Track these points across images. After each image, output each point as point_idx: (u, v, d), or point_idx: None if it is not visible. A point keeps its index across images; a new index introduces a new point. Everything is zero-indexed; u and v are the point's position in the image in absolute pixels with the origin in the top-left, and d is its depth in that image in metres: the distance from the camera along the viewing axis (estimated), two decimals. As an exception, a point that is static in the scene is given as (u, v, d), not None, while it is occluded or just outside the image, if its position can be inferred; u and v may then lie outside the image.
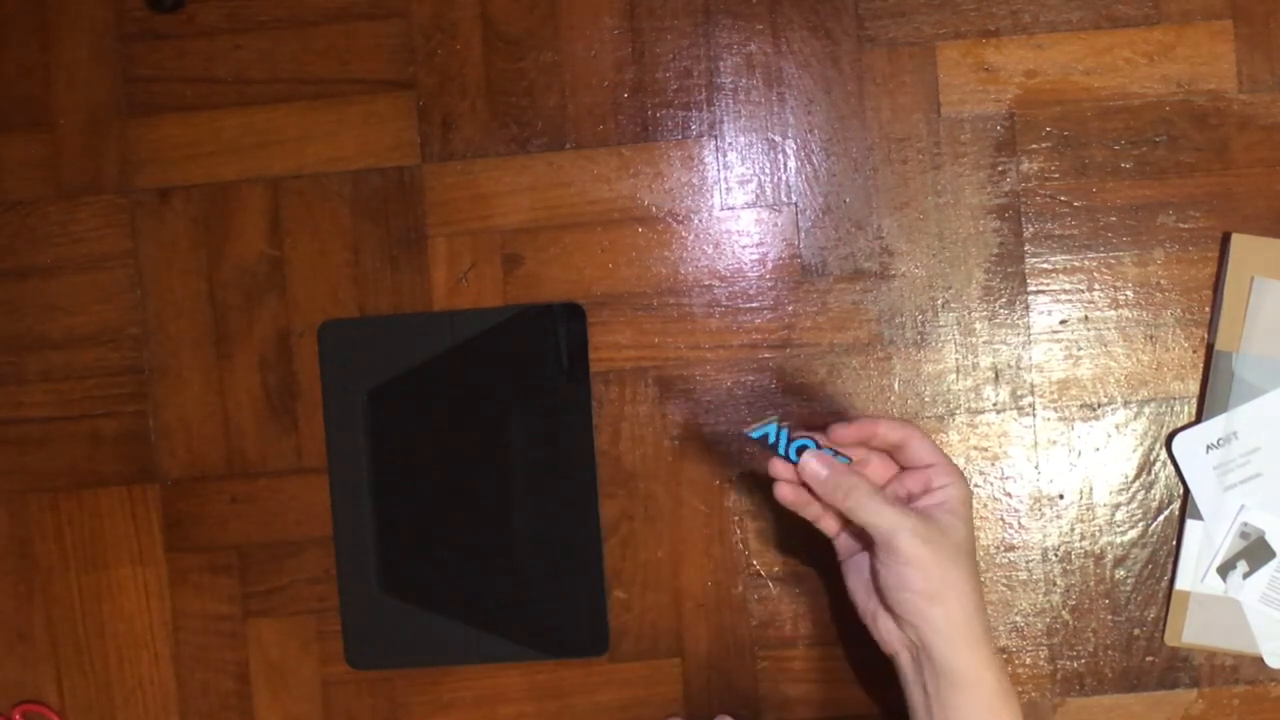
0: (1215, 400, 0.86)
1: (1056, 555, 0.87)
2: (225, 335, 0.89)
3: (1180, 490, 0.87)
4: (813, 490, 0.76)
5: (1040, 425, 0.87)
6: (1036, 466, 0.88)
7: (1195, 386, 0.87)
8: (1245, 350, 0.85)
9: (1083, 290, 0.87)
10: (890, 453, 0.79)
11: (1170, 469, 0.87)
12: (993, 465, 0.87)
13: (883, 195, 0.88)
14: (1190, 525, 0.86)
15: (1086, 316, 0.87)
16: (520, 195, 0.88)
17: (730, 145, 0.88)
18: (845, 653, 0.88)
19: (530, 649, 0.88)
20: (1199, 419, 0.87)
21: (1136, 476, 0.87)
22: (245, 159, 0.89)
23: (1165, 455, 0.87)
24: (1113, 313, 0.87)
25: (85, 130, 0.89)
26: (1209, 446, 0.86)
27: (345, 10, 0.89)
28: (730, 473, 0.88)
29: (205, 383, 0.89)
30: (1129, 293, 0.87)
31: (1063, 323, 0.87)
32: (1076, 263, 0.87)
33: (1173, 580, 0.87)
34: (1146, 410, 0.87)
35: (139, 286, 0.89)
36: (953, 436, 0.87)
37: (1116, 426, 0.87)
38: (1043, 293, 0.87)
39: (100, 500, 0.89)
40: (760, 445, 0.76)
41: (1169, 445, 0.87)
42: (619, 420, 0.88)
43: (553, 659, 0.88)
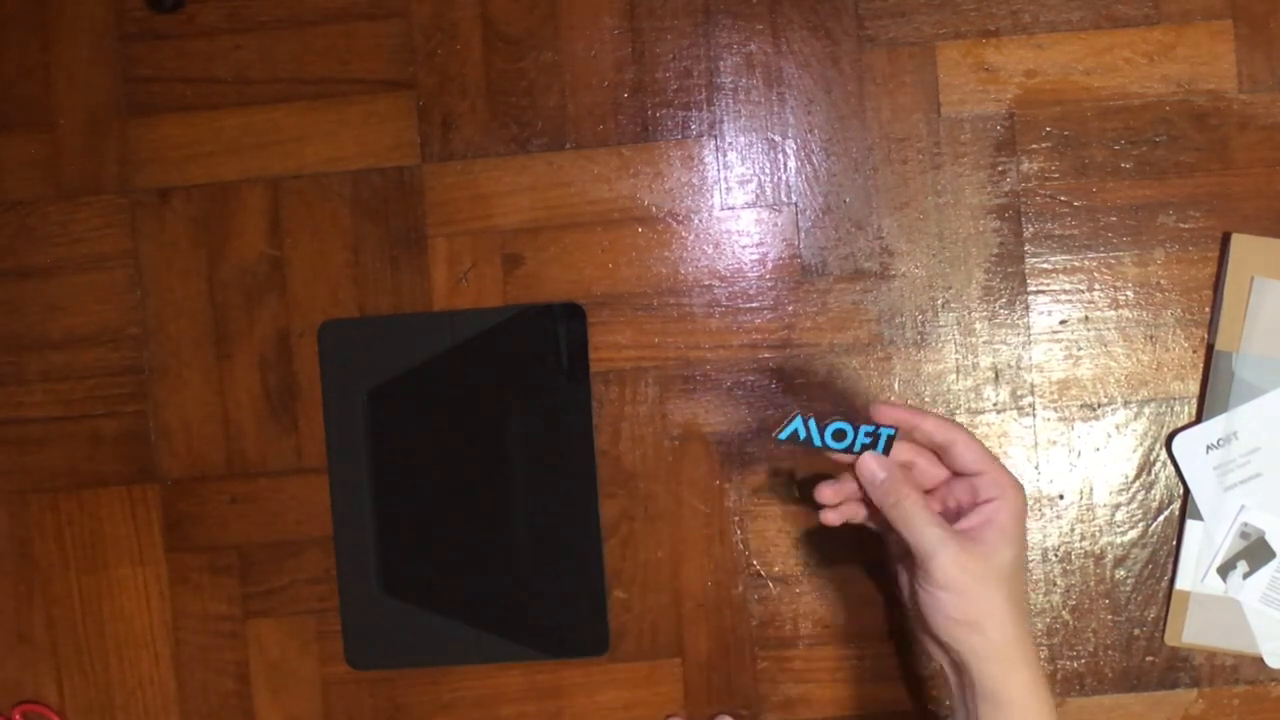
0: (1215, 400, 0.86)
1: (1056, 555, 0.87)
2: (225, 335, 0.89)
3: (1180, 490, 0.87)
4: (863, 488, 0.75)
5: (1040, 425, 0.87)
6: (1036, 466, 0.88)
7: (1195, 386, 0.87)
8: (1245, 350, 0.85)
9: (1083, 290, 0.87)
10: (938, 453, 0.77)
11: (1170, 469, 0.87)
12: (993, 465, 0.87)
13: (883, 195, 0.88)
14: (1190, 525, 0.86)
15: (1086, 316, 0.87)
16: (520, 195, 0.88)
17: (730, 145, 0.88)
18: (845, 653, 0.88)
19: (530, 649, 0.88)
20: (1199, 419, 0.87)
21: (1136, 476, 0.87)
22: (245, 159, 0.89)
23: (1165, 455, 0.87)
24: (1113, 313, 0.87)
25: (85, 130, 0.89)
26: (1209, 447, 0.86)
27: (345, 10, 0.89)
28: (730, 472, 0.88)
29: (205, 383, 0.89)
30: (1129, 293, 0.87)
31: (1063, 323, 0.87)
32: (1076, 263, 0.87)
33: (1173, 580, 0.87)
34: (1146, 410, 0.87)
35: (139, 286, 0.89)
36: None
37: (1116, 426, 0.87)
38: (1043, 293, 0.87)
39: (100, 500, 0.89)
40: (792, 444, 0.74)
41: (1169, 445, 0.87)
42: (619, 420, 0.88)
43: (553, 659, 0.88)
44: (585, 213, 0.88)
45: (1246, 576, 0.86)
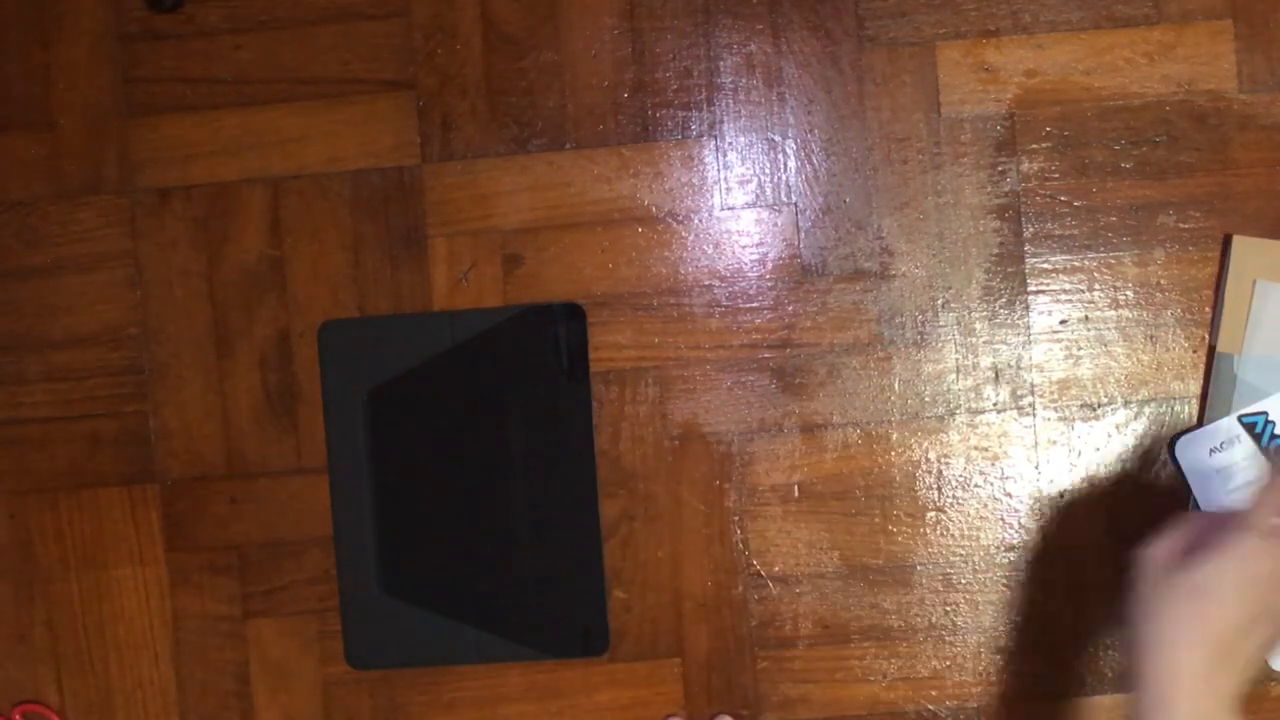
0: (1217, 403, 0.86)
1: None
2: (225, 335, 0.89)
3: (1181, 491, 0.87)
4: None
5: (1040, 425, 0.87)
6: (1036, 466, 0.87)
7: (1195, 386, 0.87)
8: (1248, 353, 0.85)
9: (1083, 290, 0.87)
10: None
11: (1170, 469, 0.87)
12: (993, 465, 0.87)
13: (883, 195, 0.88)
14: (1192, 527, 0.86)
15: (1086, 316, 0.87)
16: (520, 195, 0.88)
17: (730, 145, 0.88)
18: (845, 653, 0.88)
19: (530, 648, 0.88)
20: (1200, 420, 0.87)
21: (1137, 477, 0.87)
22: (245, 159, 0.89)
23: (1165, 455, 0.87)
24: (1113, 313, 0.87)
25: (85, 130, 0.89)
26: (1212, 450, 0.86)
27: (345, 10, 0.89)
28: (730, 472, 0.88)
29: (205, 383, 0.89)
30: (1129, 293, 0.87)
31: (1063, 323, 0.87)
32: (1076, 263, 0.87)
33: (1174, 581, 0.87)
34: (1147, 410, 0.87)
35: (139, 286, 0.89)
36: (953, 436, 0.87)
37: (1117, 426, 0.87)
38: (1043, 293, 0.87)
39: (100, 500, 0.89)
40: (1247, 434, 0.71)
41: (1171, 448, 0.87)
42: (619, 420, 0.88)
43: (553, 659, 0.88)
44: (585, 213, 0.88)
45: (1249, 579, 0.85)
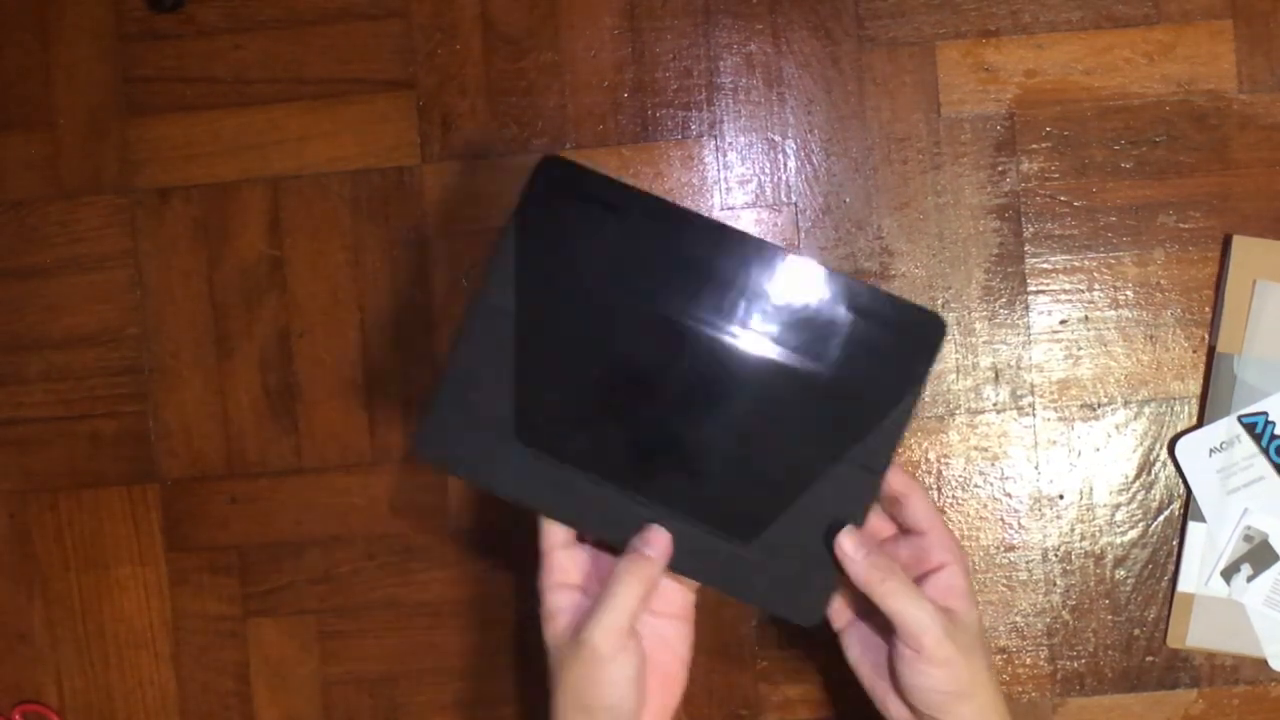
0: (1217, 403, 0.86)
1: (1056, 555, 0.87)
2: (225, 335, 0.89)
3: (1181, 490, 0.87)
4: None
5: (1040, 425, 0.87)
6: (1036, 466, 0.88)
7: (1195, 386, 0.87)
8: (1248, 353, 0.85)
9: (1083, 290, 0.87)
10: (889, 504, 0.75)
11: (1170, 469, 0.87)
12: (993, 465, 0.87)
13: (883, 195, 0.88)
14: (1193, 528, 0.86)
15: (1086, 316, 0.87)
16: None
17: (730, 145, 0.88)
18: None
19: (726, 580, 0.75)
20: (1200, 421, 0.87)
21: (1137, 477, 0.87)
22: (245, 159, 0.89)
23: (1165, 456, 0.87)
24: (1113, 313, 0.87)
25: (85, 130, 0.90)
26: (1212, 450, 0.86)
27: (345, 10, 0.89)
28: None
29: (205, 383, 0.89)
30: (1129, 293, 0.87)
31: (1063, 323, 0.87)
32: (1076, 263, 0.87)
33: (1174, 582, 0.87)
34: (1147, 410, 0.87)
35: (139, 286, 0.89)
36: (953, 436, 0.87)
37: (1116, 426, 0.87)
38: (1043, 293, 0.87)
39: (100, 500, 0.89)
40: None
41: (1172, 449, 0.87)
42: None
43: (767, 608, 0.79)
44: (585, 213, 0.88)
45: (1250, 580, 0.86)
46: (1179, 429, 0.87)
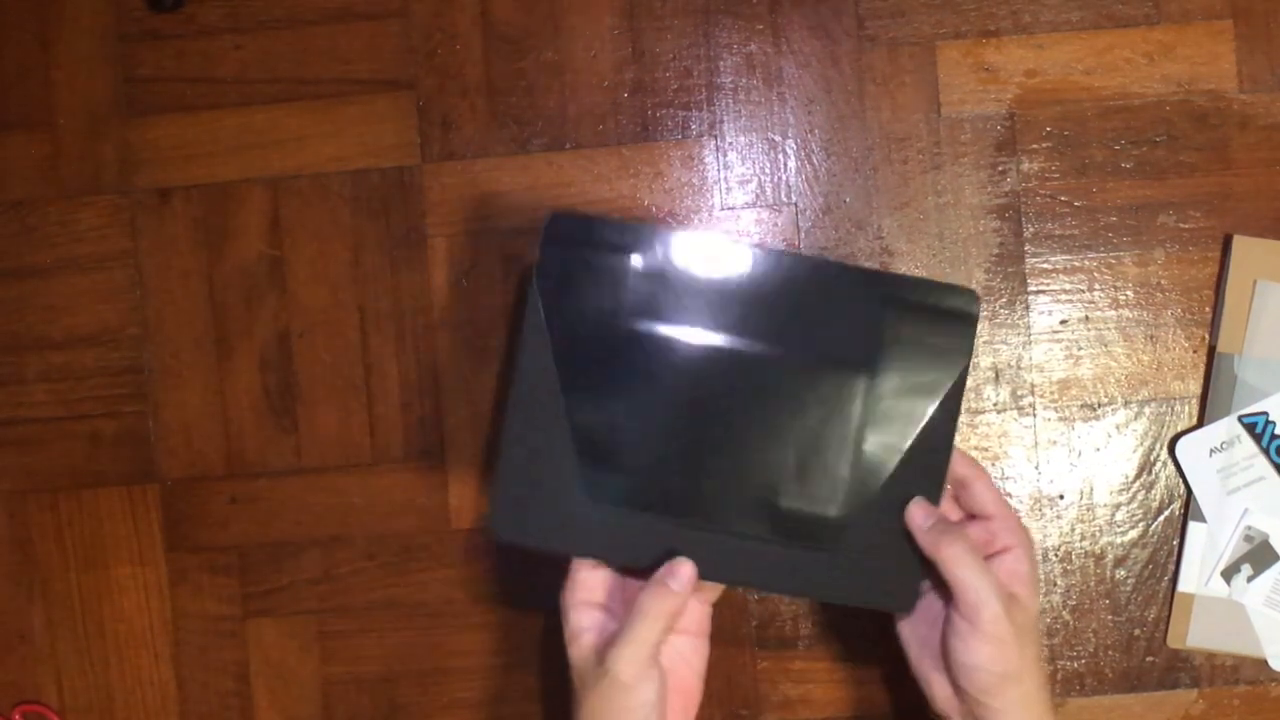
0: (1218, 403, 0.86)
1: (1057, 555, 0.87)
2: (225, 335, 0.89)
3: (1181, 490, 0.87)
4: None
5: (1040, 425, 0.87)
6: (1037, 466, 0.87)
7: (1196, 387, 0.87)
8: (1248, 353, 0.85)
9: (1083, 290, 0.87)
10: (953, 489, 0.76)
11: (1170, 469, 0.87)
12: (993, 465, 0.87)
13: (883, 195, 0.88)
14: (1193, 528, 0.86)
15: (1087, 316, 0.87)
16: (520, 195, 0.88)
17: (730, 145, 0.88)
18: (845, 653, 0.88)
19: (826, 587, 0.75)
20: (1201, 421, 0.87)
21: (1137, 477, 0.87)
22: (245, 159, 0.89)
23: (1166, 456, 0.87)
24: (1113, 313, 0.87)
25: (85, 130, 0.89)
26: (1212, 450, 0.86)
27: (345, 10, 0.89)
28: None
29: (205, 383, 0.89)
30: (1129, 293, 0.87)
31: (1063, 323, 0.87)
32: (1077, 263, 0.87)
33: (1175, 582, 0.87)
34: (1147, 410, 0.87)
35: (139, 286, 0.89)
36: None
37: (1117, 426, 0.87)
38: (1043, 293, 0.87)
39: (100, 500, 0.89)
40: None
41: (1172, 449, 0.87)
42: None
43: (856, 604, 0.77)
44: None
45: (1250, 580, 0.85)
46: (1179, 429, 0.87)
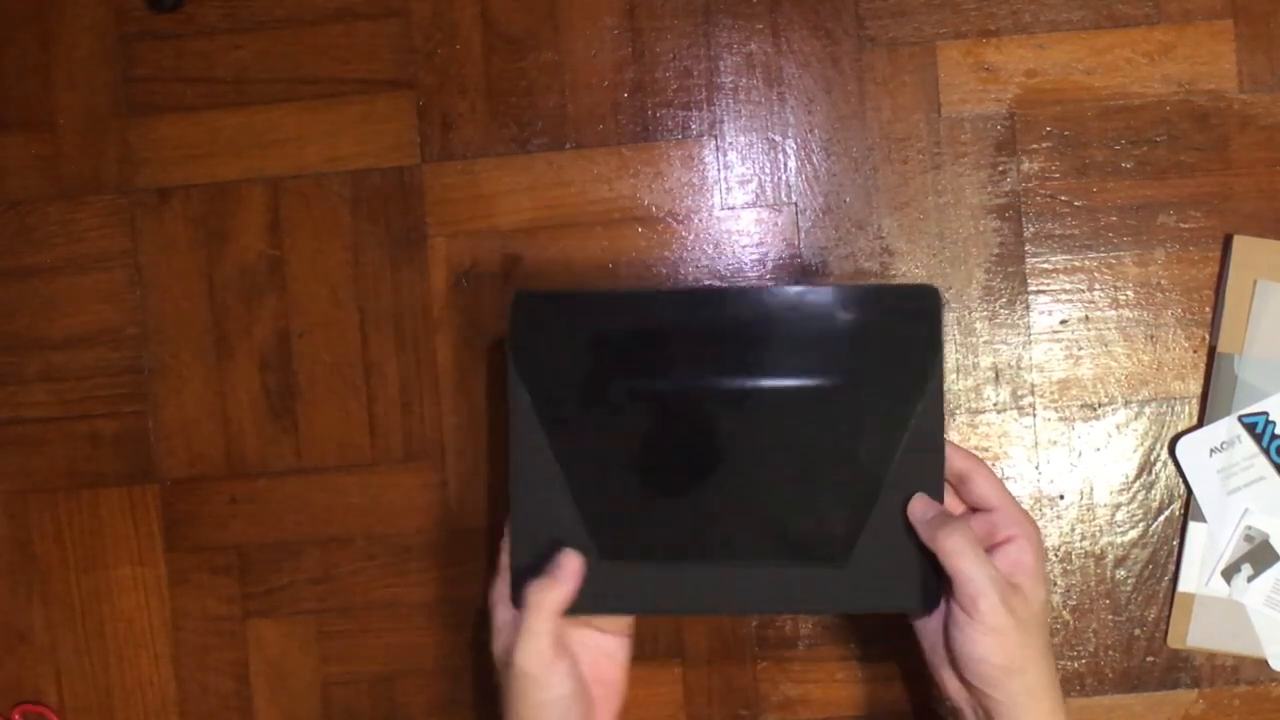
0: (1218, 403, 0.86)
1: (1057, 555, 0.87)
2: (225, 335, 0.89)
3: (1181, 490, 0.87)
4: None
5: (1040, 425, 0.87)
6: (1037, 466, 0.87)
7: (1196, 387, 0.87)
8: (1248, 353, 0.85)
9: (1083, 290, 0.87)
10: (954, 484, 0.77)
11: (1171, 469, 0.87)
12: (993, 465, 0.87)
13: (883, 195, 0.88)
14: (1193, 528, 0.86)
15: (1087, 316, 0.87)
16: (520, 195, 0.88)
17: (730, 145, 0.88)
18: (845, 653, 0.88)
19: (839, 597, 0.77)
20: (1201, 421, 0.87)
21: (1137, 477, 0.87)
22: (245, 159, 0.89)
23: (1166, 456, 0.87)
24: (1113, 313, 0.87)
25: (85, 130, 0.89)
26: (1212, 450, 0.86)
27: (345, 10, 0.89)
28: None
29: (205, 383, 0.89)
30: (1129, 293, 0.87)
31: (1063, 323, 0.87)
32: (1077, 263, 0.87)
33: (1175, 582, 0.87)
34: (1147, 410, 0.87)
35: (139, 286, 0.89)
36: (953, 437, 0.87)
37: (1117, 426, 0.87)
38: (1043, 293, 0.87)
39: (100, 500, 0.89)
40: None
41: (1172, 449, 0.87)
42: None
43: (870, 610, 0.79)
44: (585, 213, 0.88)
45: (1251, 580, 0.85)
46: (1179, 429, 0.87)
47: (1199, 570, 0.86)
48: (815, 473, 0.76)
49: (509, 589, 0.76)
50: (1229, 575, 0.86)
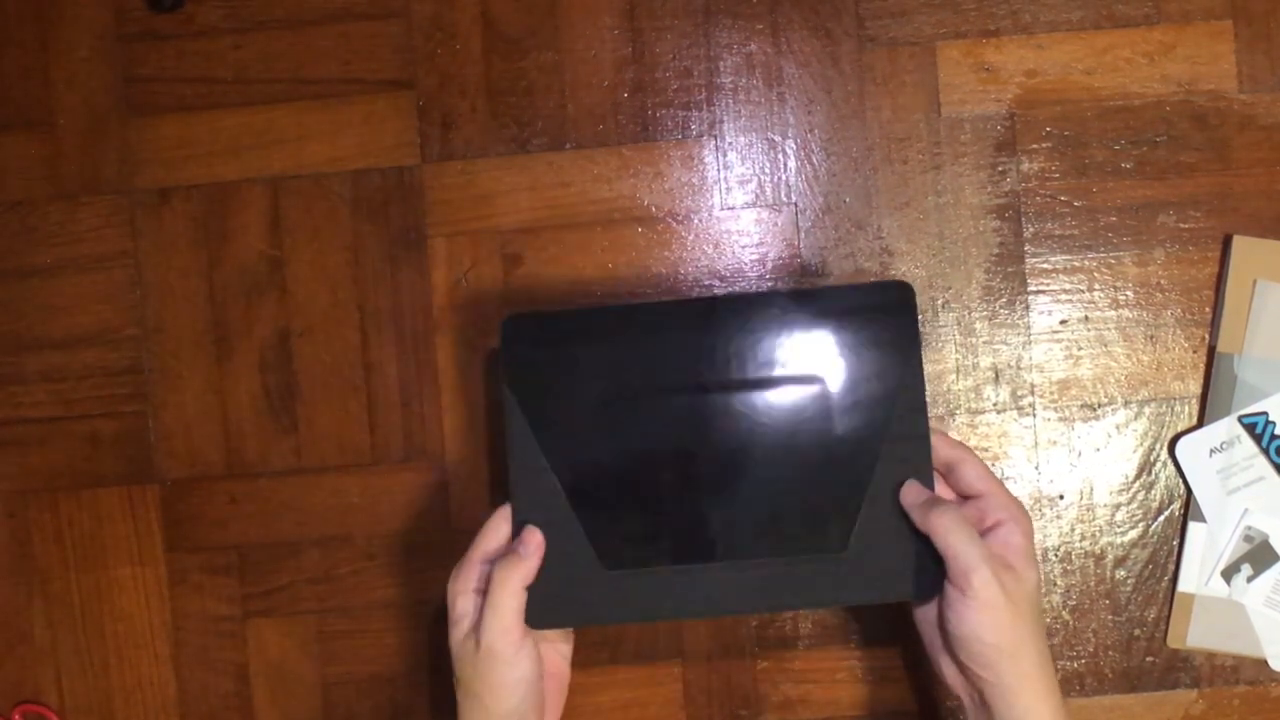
0: (1218, 403, 0.86)
1: (1056, 555, 0.87)
2: (225, 335, 0.89)
3: (1181, 490, 0.87)
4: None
5: (1040, 425, 0.87)
6: (1036, 467, 0.87)
7: (1195, 387, 0.87)
8: (1248, 353, 0.85)
9: (1083, 290, 0.87)
10: (943, 473, 0.78)
11: (1170, 469, 0.87)
12: (993, 465, 0.87)
13: (883, 195, 0.88)
14: (1193, 528, 0.86)
15: (1087, 316, 0.87)
16: (520, 195, 0.88)
17: (730, 145, 0.88)
18: (845, 653, 0.88)
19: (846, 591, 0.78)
20: (1201, 421, 0.87)
21: (1137, 477, 0.87)
22: (245, 159, 0.89)
23: (1165, 456, 0.87)
24: (1113, 313, 0.87)
25: (85, 130, 0.89)
26: (1212, 450, 0.86)
27: (345, 10, 0.89)
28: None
29: (205, 383, 0.89)
30: (1129, 293, 0.87)
31: (1063, 323, 0.87)
32: (1076, 263, 0.87)
33: (1174, 582, 0.87)
34: (1147, 410, 0.87)
35: (139, 286, 0.89)
36: (953, 437, 0.87)
37: (1117, 427, 0.87)
38: (1043, 293, 0.87)
39: (100, 500, 0.89)
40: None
41: (1172, 449, 0.87)
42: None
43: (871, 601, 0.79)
44: (585, 213, 0.88)
45: (1250, 580, 0.85)
46: (1179, 429, 0.87)
47: (1199, 570, 0.86)
48: (806, 468, 0.78)
49: (475, 580, 0.76)
50: (1229, 575, 0.86)
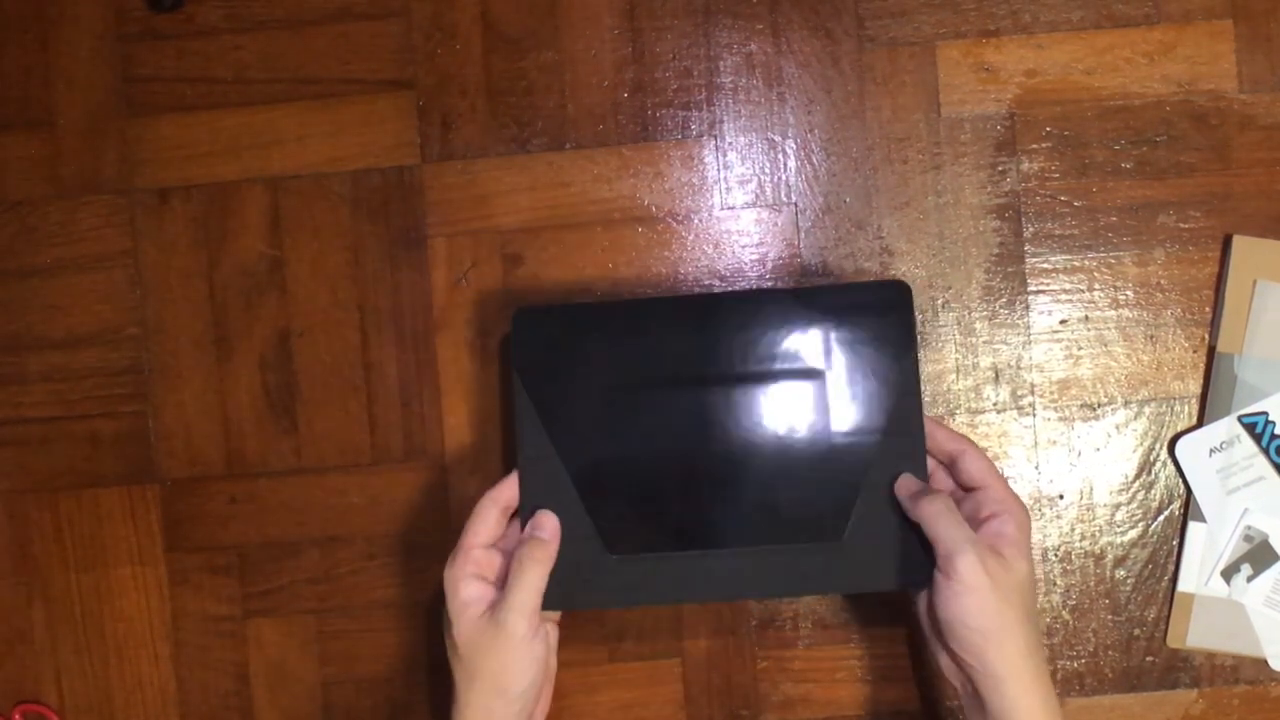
0: (1217, 403, 0.86)
1: (1056, 555, 0.87)
2: (225, 335, 0.89)
3: (1180, 490, 0.87)
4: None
5: (1040, 425, 0.87)
6: (1036, 466, 0.87)
7: (1195, 387, 0.87)
8: (1248, 353, 0.85)
9: (1083, 290, 0.87)
10: (946, 464, 0.79)
11: (1170, 469, 0.87)
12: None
13: (883, 195, 0.88)
14: (1193, 528, 0.86)
15: (1087, 316, 0.87)
16: (520, 195, 0.88)
17: (730, 145, 0.88)
18: (845, 653, 0.88)
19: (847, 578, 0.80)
20: (1200, 421, 0.87)
21: (1137, 477, 0.87)
22: (245, 159, 0.89)
23: (1165, 455, 0.87)
24: (1113, 313, 0.87)
25: (85, 130, 0.89)
26: (1212, 450, 0.86)
27: (345, 10, 0.89)
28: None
29: (205, 383, 0.89)
30: (1129, 293, 0.87)
31: (1063, 323, 0.87)
32: (1076, 263, 0.87)
33: (1174, 582, 0.87)
34: (1147, 410, 0.87)
35: (139, 286, 0.89)
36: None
37: (1116, 426, 0.87)
38: (1043, 293, 0.87)
39: (100, 500, 0.89)
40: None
41: (1172, 449, 0.87)
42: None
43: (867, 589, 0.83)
44: (585, 213, 0.88)
45: (1250, 580, 0.85)
46: (1179, 429, 0.87)
47: (1198, 570, 0.86)
48: (804, 460, 0.80)
49: (473, 565, 0.77)
50: (1228, 575, 0.86)
